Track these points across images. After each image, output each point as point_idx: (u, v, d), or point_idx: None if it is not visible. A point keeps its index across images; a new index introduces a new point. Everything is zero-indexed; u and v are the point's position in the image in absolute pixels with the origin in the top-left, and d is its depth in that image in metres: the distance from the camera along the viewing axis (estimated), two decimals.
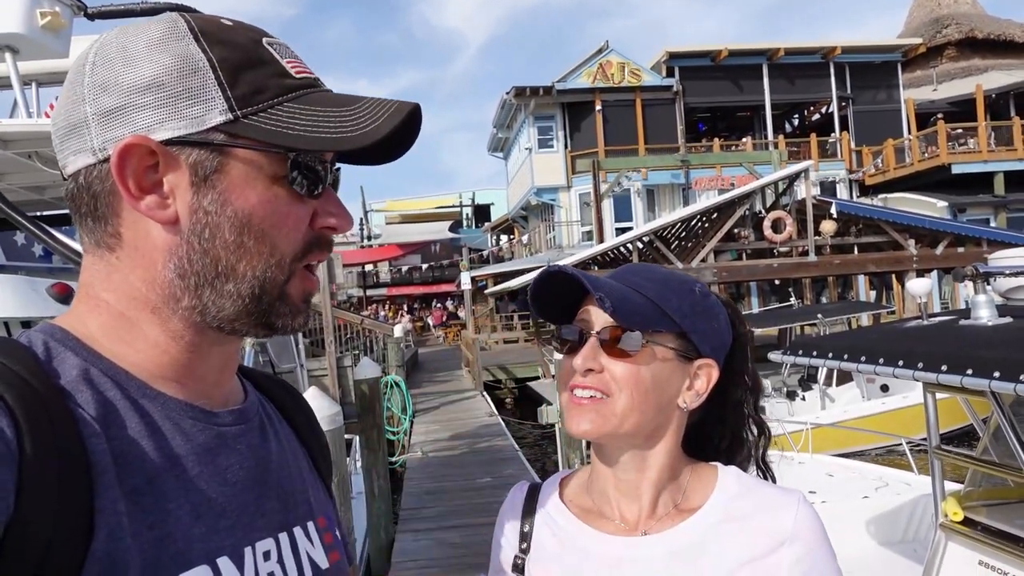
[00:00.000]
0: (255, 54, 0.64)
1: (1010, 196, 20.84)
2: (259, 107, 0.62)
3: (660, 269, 1.00)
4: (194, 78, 0.60)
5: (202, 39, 0.61)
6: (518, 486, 1.09)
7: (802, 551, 0.88)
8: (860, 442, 9.63)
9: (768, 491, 0.94)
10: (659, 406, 0.93)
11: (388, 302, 39.27)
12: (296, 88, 0.64)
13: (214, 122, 0.60)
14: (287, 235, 0.64)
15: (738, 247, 15.27)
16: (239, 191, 0.62)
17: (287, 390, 0.87)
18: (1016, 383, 1.92)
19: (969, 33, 29.05)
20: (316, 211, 0.66)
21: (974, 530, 2.91)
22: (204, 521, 0.61)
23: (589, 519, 0.98)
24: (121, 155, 0.59)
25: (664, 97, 23.85)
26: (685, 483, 0.97)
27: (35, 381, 0.55)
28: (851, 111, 24.89)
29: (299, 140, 0.61)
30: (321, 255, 0.68)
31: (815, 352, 3.01)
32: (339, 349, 12.97)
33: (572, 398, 0.93)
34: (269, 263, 0.63)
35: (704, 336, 0.94)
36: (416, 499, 8.19)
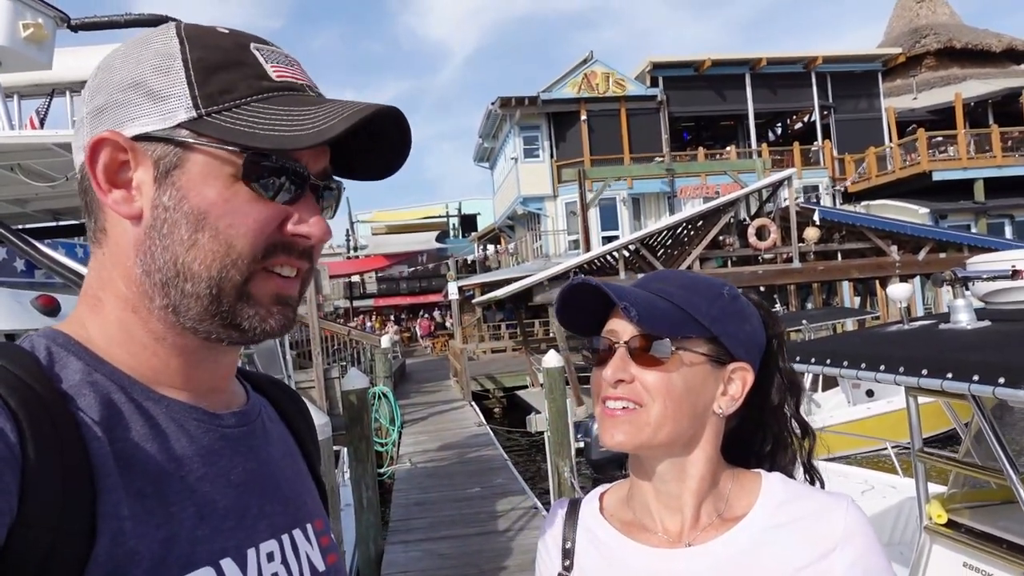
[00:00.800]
0: (235, 56, 0.64)
1: (990, 202, 21.12)
2: (224, 106, 0.61)
3: (687, 274, 0.98)
4: (166, 77, 0.62)
5: (185, 42, 0.63)
6: (559, 502, 1.07)
7: (855, 555, 0.86)
8: (846, 447, 9.69)
9: (816, 496, 0.93)
10: (694, 413, 0.91)
11: (375, 313, 39.12)
12: (270, 90, 0.64)
13: (180, 119, 0.61)
14: (244, 235, 0.62)
15: (723, 255, 15.36)
16: (197, 188, 0.62)
17: (286, 392, 0.87)
18: (995, 386, 1.95)
19: (947, 43, 29.48)
20: (289, 216, 0.65)
21: (958, 532, 2.94)
22: (208, 523, 0.62)
23: (631, 532, 0.96)
24: (92, 149, 0.62)
25: (648, 107, 24.02)
26: (727, 491, 0.95)
27: (38, 386, 0.56)
28: (833, 120, 25.17)
29: (253, 138, 0.60)
30: (289, 260, 0.66)
31: (799, 358, 3.04)
32: (326, 360, 12.91)
33: (605, 410, 0.91)
34: (224, 262, 0.62)
35: (736, 339, 0.93)
36: (405, 510, 8.14)
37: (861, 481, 5.96)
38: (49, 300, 2.40)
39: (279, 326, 0.66)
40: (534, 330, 22.35)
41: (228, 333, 0.65)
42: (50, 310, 2.39)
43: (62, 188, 3.76)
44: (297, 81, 0.66)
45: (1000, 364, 2.01)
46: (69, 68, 5.37)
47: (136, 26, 3.90)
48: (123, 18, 3.81)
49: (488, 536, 6.84)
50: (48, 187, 3.58)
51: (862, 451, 9.91)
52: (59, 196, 4.15)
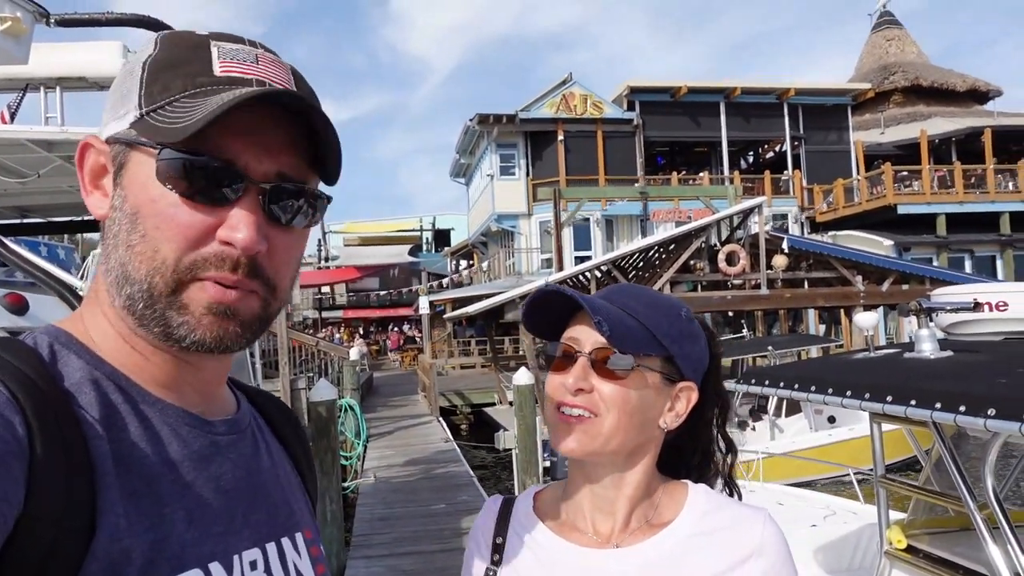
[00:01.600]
0: (185, 55, 0.62)
1: (951, 237, 21.74)
2: (158, 104, 0.60)
3: (649, 292, 1.02)
4: (129, 80, 0.63)
5: (157, 46, 0.63)
6: (492, 499, 1.10)
7: (768, 566, 0.91)
8: (808, 472, 9.81)
9: (736, 508, 0.98)
10: (642, 427, 0.95)
11: (344, 325, 38.76)
12: (205, 85, 0.61)
13: (130, 120, 0.61)
14: (169, 239, 0.60)
15: (694, 279, 15.56)
16: (134, 188, 0.61)
17: (278, 406, 0.87)
18: (956, 414, 2.01)
19: (915, 81, 30.42)
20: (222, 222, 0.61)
21: (916, 557, 2.99)
22: (197, 526, 0.62)
23: (562, 531, 0.99)
24: (79, 153, 0.64)
25: (625, 130, 24.33)
26: (658, 499, 0.99)
27: (42, 382, 0.56)
28: (803, 150, 25.73)
29: (157, 133, 0.59)
30: (220, 275, 0.61)
31: (767, 381, 3.09)
32: (293, 371, 12.76)
33: (560, 416, 0.94)
34: (151, 267, 0.60)
35: (688, 359, 0.97)
36: (368, 525, 8.03)
37: (823, 506, 6.03)
38: (17, 299, 2.35)
39: (212, 338, 0.62)
40: (504, 347, 22.33)
41: (165, 340, 0.62)
42: (18, 308, 2.34)
43: (32, 185, 3.69)
44: (245, 75, 0.62)
45: (961, 393, 2.07)
46: (45, 64, 5.29)
47: (118, 24, 3.87)
48: (104, 16, 3.77)
49: (452, 553, 6.77)
50: (19, 183, 3.51)
51: (824, 476, 10.05)
52: (28, 193, 4.07)
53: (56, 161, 3.44)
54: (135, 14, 3.79)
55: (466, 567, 1.07)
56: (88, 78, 5.98)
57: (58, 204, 4.47)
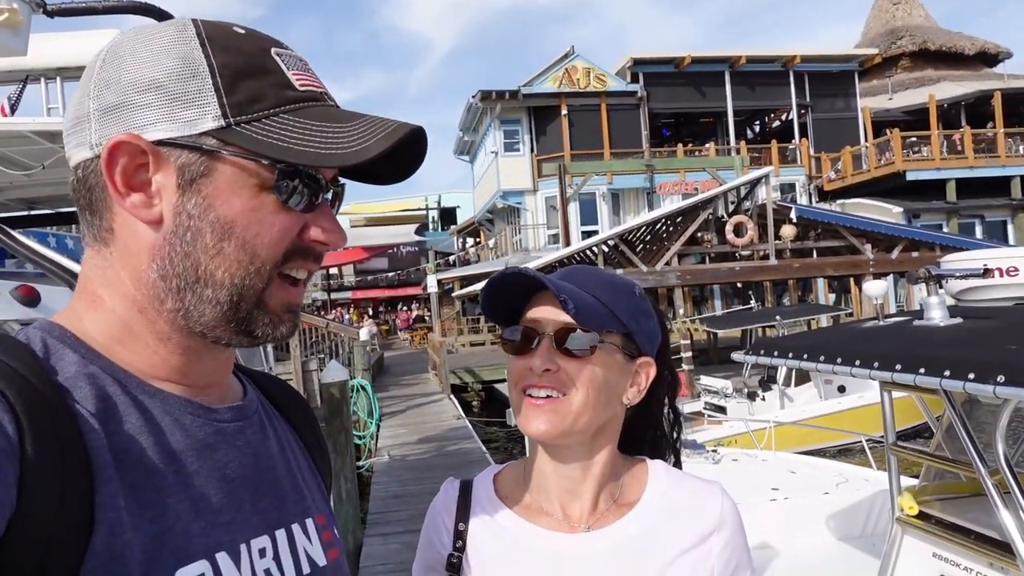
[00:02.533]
0: (259, 63, 0.64)
1: (961, 203, 21.54)
2: (253, 116, 0.62)
3: (604, 272, 1.03)
4: (192, 82, 0.61)
5: (207, 44, 0.62)
6: (448, 482, 1.08)
7: (728, 536, 0.96)
8: (818, 440, 9.85)
9: (693, 483, 1.00)
10: (608, 404, 0.96)
11: (353, 305, 38.92)
12: (296, 100, 0.64)
13: (206, 127, 0.60)
14: (269, 244, 0.63)
15: (701, 251, 15.52)
16: (224, 197, 0.62)
17: (287, 390, 0.87)
18: (965, 381, 2.01)
19: (922, 45, 29.95)
20: (308, 224, 0.66)
21: (928, 523, 3.01)
22: (203, 516, 0.62)
23: (530, 516, 0.98)
24: (111, 151, 0.60)
25: (629, 102, 24.12)
26: (622, 478, 1.01)
27: (34, 378, 0.56)
28: (810, 118, 25.46)
29: (287, 153, 0.61)
30: (305, 264, 0.67)
31: (776, 352, 3.09)
32: (304, 353, 12.84)
33: (527, 399, 0.94)
34: (248, 270, 0.63)
35: (645, 335, 0.99)
36: (383, 503, 8.13)
37: (836, 474, 6.06)
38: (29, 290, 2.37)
39: (288, 332, 0.68)
40: None
41: (239, 339, 0.66)
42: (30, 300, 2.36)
43: (38, 176, 3.70)
44: (317, 89, 0.67)
45: (970, 360, 2.07)
46: (44, 55, 5.27)
47: (114, 12, 3.83)
48: (101, 4, 3.74)
49: None
50: (24, 175, 3.52)
51: (834, 444, 10.09)
52: (34, 184, 4.09)
53: (60, 152, 3.43)
54: (132, 1, 3.76)
55: (423, 553, 1.05)
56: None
57: (64, 195, 4.48)
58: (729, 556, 0.95)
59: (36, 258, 2.32)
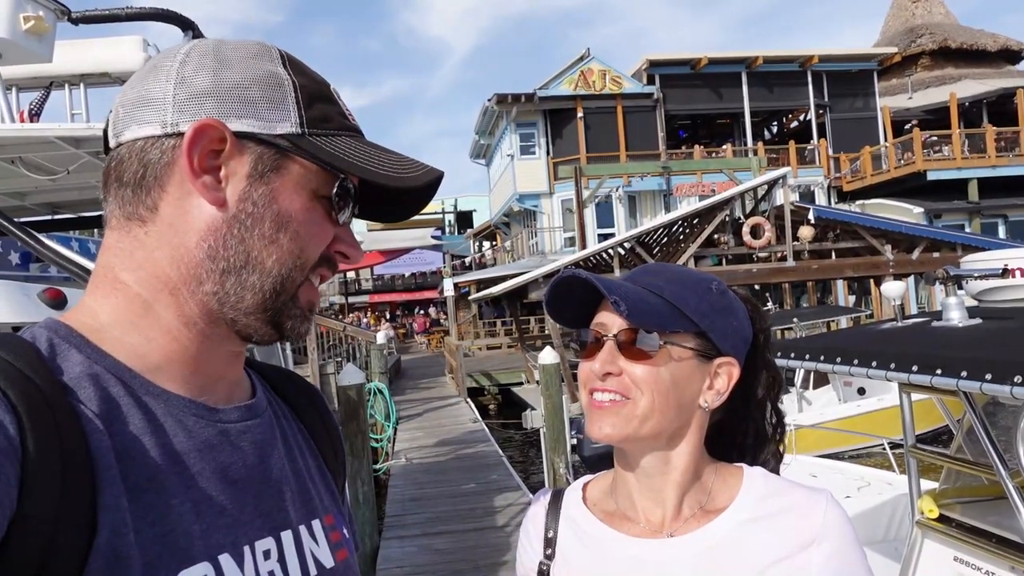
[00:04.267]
0: (326, 92, 0.73)
1: (983, 202, 21.24)
2: (323, 131, 0.70)
3: (676, 268, 1.00)
4: (278, 91, 0.68)
5: (287, 66, 0.71)
6: (542, 491, 1.09)
7: (831, 550, 0.88)
8: (838, 443, 9.76)
9: (796, 491, 0.93)
10: (680, 406, 0.92)
11: (370, 309, 39.11)
12: (349, 129, 0.74)
13: (284, 130, 0.68)
14: (315, 244, 0.70)
15: (718, 253, 15.42)
16: (288, 194, 0.68)
17: (300, 386, 0.86)
18: (982, 382, 1.99)
19: (942, 43, 29.55)
20: (336, 237, 0.73)
21: (949, 527, 2.97)
22: (205, 518, 0.62)
23: (613, 522, 0.97)
24: (197, 131, 0.64)
25: (645, 104, 24.06)
26: (710, 484, 0.96)
27: (38, 378, 0.56)
28: (828, 118, 25.25)
29: (353, 167, 0.69)
30: (326, 273, 0.73)
31: (793, 354, 3.08)
32: (321, 356, 12.92)
33: (593, 401, 0.93)
34: (295, 263, 0.68)
35: (723, 334, 0.94)
36: (400, 506, 8.17)
37: (857, 477, 6.00)
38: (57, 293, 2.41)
39: (307, 329, 0.74)
40: (529, 327, 22.38)
41: (266, 330, 0.69)
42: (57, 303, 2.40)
43: (62, 181, 3.76)
44: (357, 126, 0.76)
45: (988, 360, 2.05)
46: (68, 61, 5.37)
47: (137, 19, 3.90)
48: (124, 12, 3.81)
49: (484, 532, 6.85)
50: (49, 180, 3.59)
51: (854, 448, 9.99)
52: (59, 189, 4.16)
53: (84, 157, 3.50)
54: (154, 8, 3.83)
55: (519, 562, 1.06)
56: (111, 73, 6.05)
57: (87, 199, 4.55)
58: (834, 573, 0.87)
59: (63, 262, 2.37)
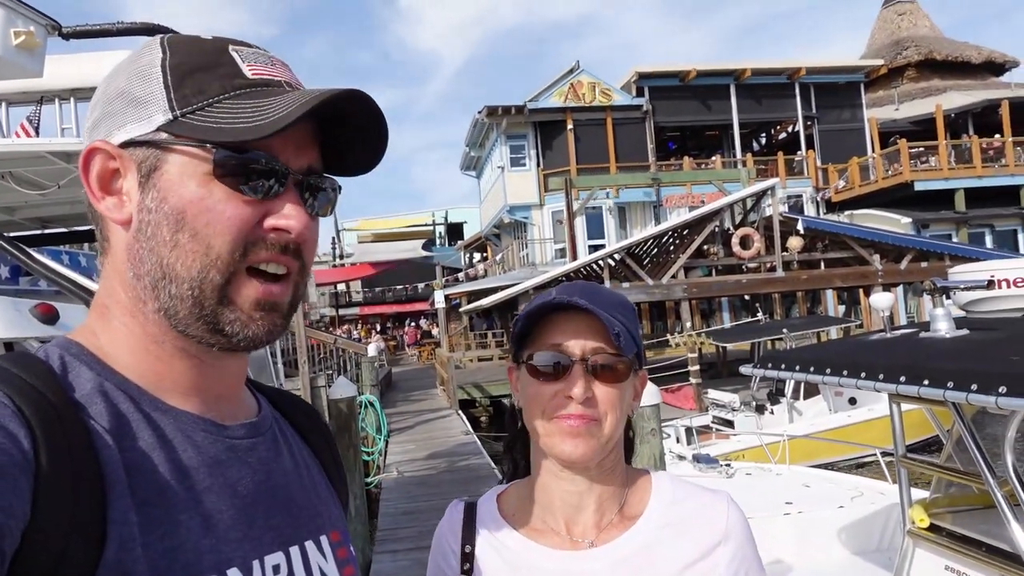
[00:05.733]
0: (212, 59, 0.65)
1: (970, 212, 21.46)
2: (197, 106, 0.62)
3: (607, 291, 1.00)
4: (147, 83, 0.63)
5: (167, 51, 0.64)
6: (453, 505, 1.07)
7: (735, 548, 0.94)
8: (831, 454, 9.79)
9: (701, 495, 0.98)
10: (624, 420, 0.97)
11: (361, 321, 38.99)
12: (243, 87, 0.64)
13: (158, 122, 0.62)
14: (221, 233, 0.62)
15: (708, 263, 15.50)
16: (175, 188, 0.62)
17: (301, 407, 0.87)
18: (968, 392, 2.02)
19: (928, 55, 29.94)
20: (269, 213, 0.64)
21: (940, 536, 2.99)
22: (214, 533, 0.62)
23: (534, 534, 0.97)
24: (84, 159, 0.64)
25: (634, 116, 24.21)
26: (625, 490, 1.00)
27: (51, 394, 0.57)
28: (816, 130, 25.48)
29: (220, 133, 0.61)
30: (272, 256, 0.65)
31: (783, 365, 3.10)
32: (312, 369, 12.86)
33: (560, 423, 0.92)
34: (205, 263, 0.62)
35: (642, 349, 1.00)
36: (393, 520, 8.12)
37: (850, 487, 6.02)
38: (48, 308, 2.41)
39: (264, 332, 0.65)
40: None
41: (216, 338, 0.64)
42: (48, 318, 2.40)
43: (52, 196, 3.76)
44: (274, 78, 0.66)
45: (974, 371, 2.08)
46: (59, 76, 5.37)
47: (128, 35, 3.91)
48: (115, 27, 3.81)
49: None
50: (39, 195, 3.58)
51: (846, 458, 10.02)
52: (49, 204, 4.15)
53: (75, 172, 3.50)
54: (144, 23, 3.83)
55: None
56: None
57: (78, 214, 4.55)
58: (737, 568, 0.93)
59: (54, 277, 2.36)
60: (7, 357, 0.60)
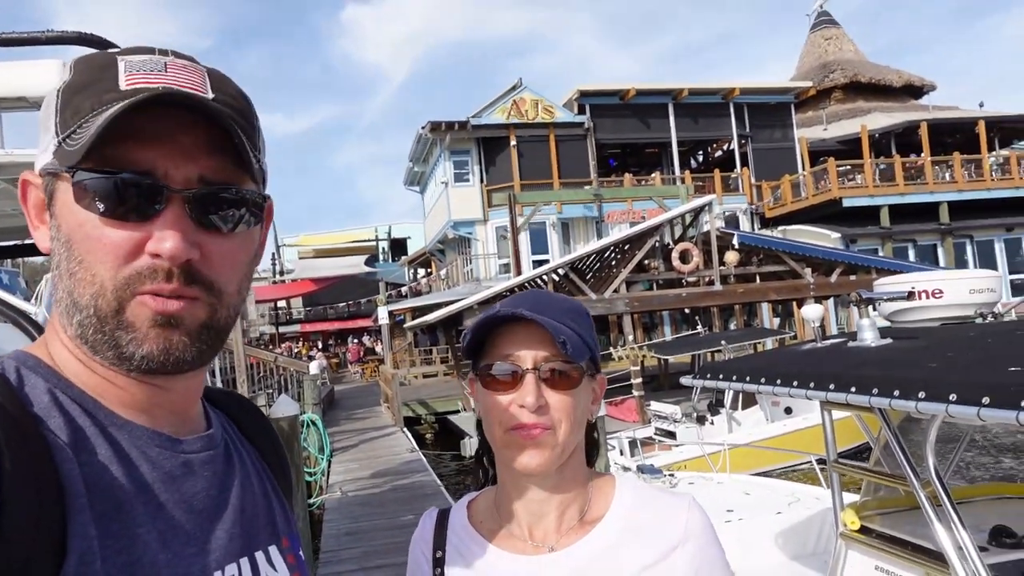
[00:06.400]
0: (96, 75, 0.61)
1: (895, 227, 22.50)
2: (72, 129, 0.60)
3: (563, 298, 1.02)
4: (48, 109, 0.62)
5: (72, 71, 0.62)
6: (428, 513, 1.10)
7: (694, 549, 0.94)
8: (768, 462, 10.05)
9: (662, 499, 0.99)
10: (582, 426, 0.97)
11: (302, 339, 38.23)
12: (110, 101, 0.59)
13: (52, 149, 0.61)
14: (102, 261, 0.60)
15: (649, 278, 15.80)
16: (64, 216, 0.61)
17: (247, 408, 0.87)
18: (891, 399, 2.13)
19: (853, 78, 31.41)
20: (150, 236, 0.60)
21: (870, 537, 3.11)
22: (171, 547, 0.62)
23: (497, 540, 1.00)
24: (20, 189, 0.64)
25: (576, 133, 24.57)
26: (588, 494, 1.01)
27: (10, 406, 0.56)
28: (751, 148, 26.34)
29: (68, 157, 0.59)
30: (156, 287, 0.60)
31: (721, 375, 3.19)
32: (252, 388, 12.57)
33: (515, 434, 0.93)
34: (92, 291, 0.60)
35: (597, 353, 1.01)
36: (336, 540, 7.95)
37: (788, 494, 6.19)
38: None
39: (160, 351, 0.61)
40: None
41: (121, 362, 0.62)
42: None
43: None
44: (150, 85, 0.61)
45: (896, 377, 2.20)
46: None
47: (57, 43, 3.77)
48: (44, 35, 3.69)
49: None
50: None
51: (783, 465, 10.31)
52: None
53: (0, 184, 3.37)
54: (76, 32, 3.71)
55: None
56: (28, 98, 5.81)
57: (2, 228, 4.35)
58: (698, 569, 0.93)
59: None
60: None
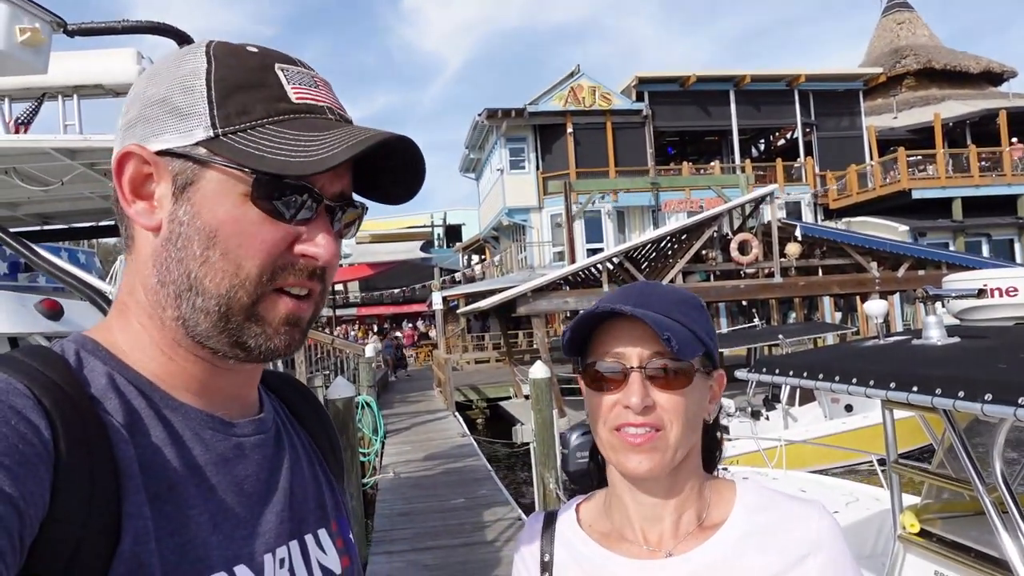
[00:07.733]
0: (256, 77, 0.65)
1: (967, 221, 21.55)
2: (240, 127, 0.63)
3: (670, 289, 0.98)
4: (190, 95, 0.63)
5: (212, 61, 0.64)
6: (534, 515, 1.07)
7: (826, 560, 0.88)
8: (827, 460, 9.81)
9: (789, 503, 0.94)
10: (697, 427, 0.93)
11: (358, 322, 38.98)
12: (287, 112, 0.64)
13: (198, 137, 0.63)
14: (253, 255, 0.63)
15: (706, 268, 15.52)
16: (209, 205, 0.63)
17: (299, 391, 0.88)
18: (955, 399, 2.05)
19: (927, 64, 30.06)
20: (299, 236, 0.65)
21: (930, 541, 3.02)
22: (222, 529, 0.64)
23: (611, 544, 0.96)
24: (118, 161, 0.65)
25: (634, 121, 24.27)
26: (707, 499, 0.96)
27: (68, 388, 0.58)
28: (815, 137, 25.57)
29: (261, 162, 0.61)
30: (299, 282, 0.66)
31: (777, 370, 3.13)
32: (310, 369, 12.90)
33: (623, 436, 0.90)
34: (233, 282, 0.63)
35: (715, 348, 0.95)
36: (388, 520, 8.13)
37: (846, 493, 6.04)
38: (53, 304, 2.42)
39: (284, 345, 0.67)
40: (518, 341, 22.39)
41: (234, 351, 0.65)
42: (53, 314, 2.41)
43: (54, 192, 3.78)
44: (318, 103, 0.66)
45: (962, 378, 2.11)
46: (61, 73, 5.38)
47: (133, 32, 3.92)
48: (120, 24, 3.83)
49: (473, 547, 6.84)
50: (42, 191, 3.60)
51: (842, 464, 10.05)
52: (51, 200, 4.17)
53: (79, 168, 3.52)
54: (150, 21, 3.84)
55: None
56: (104, 85, 6.06)
57: (79, 210, 4.56)
58: None
59: (59, 273, 2.38)
60: (24, 351, 0.61)
